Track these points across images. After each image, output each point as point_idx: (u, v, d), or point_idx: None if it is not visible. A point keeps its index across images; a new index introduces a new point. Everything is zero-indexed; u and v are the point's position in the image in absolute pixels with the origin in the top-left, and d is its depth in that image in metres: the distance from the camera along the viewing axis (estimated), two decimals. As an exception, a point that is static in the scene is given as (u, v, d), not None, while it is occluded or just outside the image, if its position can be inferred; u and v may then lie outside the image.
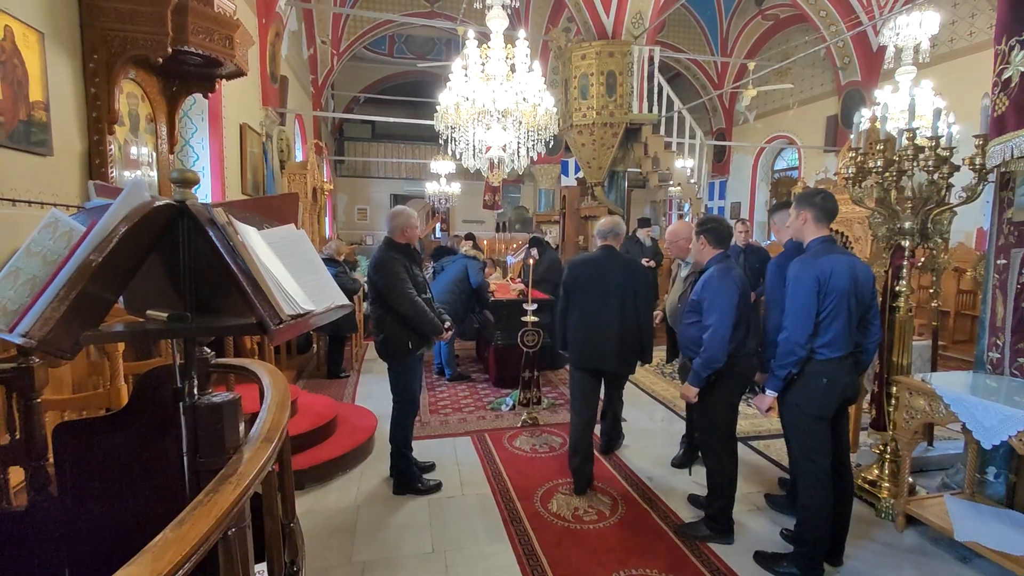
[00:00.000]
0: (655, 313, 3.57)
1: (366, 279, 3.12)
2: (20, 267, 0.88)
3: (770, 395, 2.41)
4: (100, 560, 1.90)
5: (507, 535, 2.70)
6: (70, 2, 2.95)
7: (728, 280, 2.53)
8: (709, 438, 2.74)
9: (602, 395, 3.43)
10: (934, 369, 3.59)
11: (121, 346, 2.35)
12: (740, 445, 3.80)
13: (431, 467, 3.39)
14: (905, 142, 2.79)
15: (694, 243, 2.74)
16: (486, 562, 2.50)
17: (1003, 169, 2.48)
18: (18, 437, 1.72)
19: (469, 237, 6.49)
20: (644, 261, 6.48)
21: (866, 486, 3.05)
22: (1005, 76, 2.24)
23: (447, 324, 3.17)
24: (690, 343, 2.65)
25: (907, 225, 2.84)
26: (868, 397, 3.33)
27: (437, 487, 3.15)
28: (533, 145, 5.05)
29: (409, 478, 3.13)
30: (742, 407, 2.84)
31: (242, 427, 1.23)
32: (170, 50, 3.11)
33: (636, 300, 3.07)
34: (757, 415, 4.28)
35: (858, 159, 2.93)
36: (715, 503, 2.67)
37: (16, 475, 1.80)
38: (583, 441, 3.07)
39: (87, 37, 3.02)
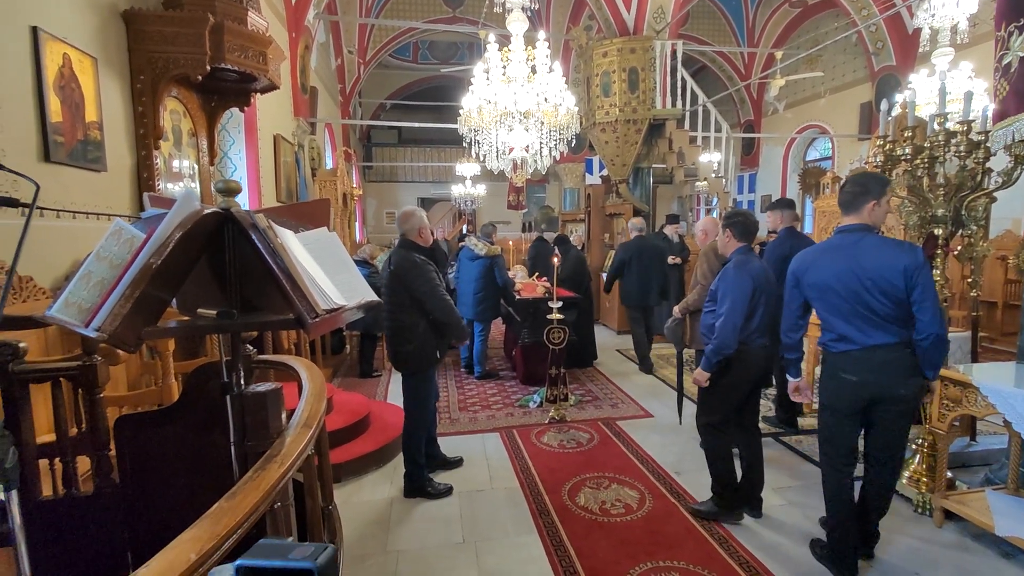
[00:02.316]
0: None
1: (388, 285, 2.99)
2: (91, 270, 1.00)
3: (792, 380, 2.48)
4: (159, 543, 2.07)
5: (536, 527, 2.76)
6: (119, 28, 3.17)
7: (743, 272, 2.62)
8: (706, 418, 2.85)
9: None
10: (974, 361, 3.47)
11: (172, 346, 2.53)
12: (772, 440, 3.79)
13: (459, 462, 3.48)
14: (936, 127, 2.73)
15: (720, 236, 2.86)
16: (516, 553, 2.56)
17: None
18: (84, 429, 1.90)
19: (462, 239, 6.20)
20: (670, 258, 6.45)
21: (903, 480, 2.98)
22: (1005, 61, 2.21)
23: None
24: (706, 330, 2.75)
25: (939, 213, 2.77)
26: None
27: (448, 491, 3.11)
28: (555, 145, 5.10)
29: (421, 482, 3.10)
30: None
31: (284, 416, 1.33)
32: (208, 68, 3.30)
33: (662, 265, 5.75)
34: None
35: (886, 147, 2.87)
36: (716, 483, 2.82)
37: (83, 464, 1.97)
38: (643, 342, 5.70)
39: (134, 60, 3.25)
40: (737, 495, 2.80)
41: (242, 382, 1.35)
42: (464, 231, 13.52)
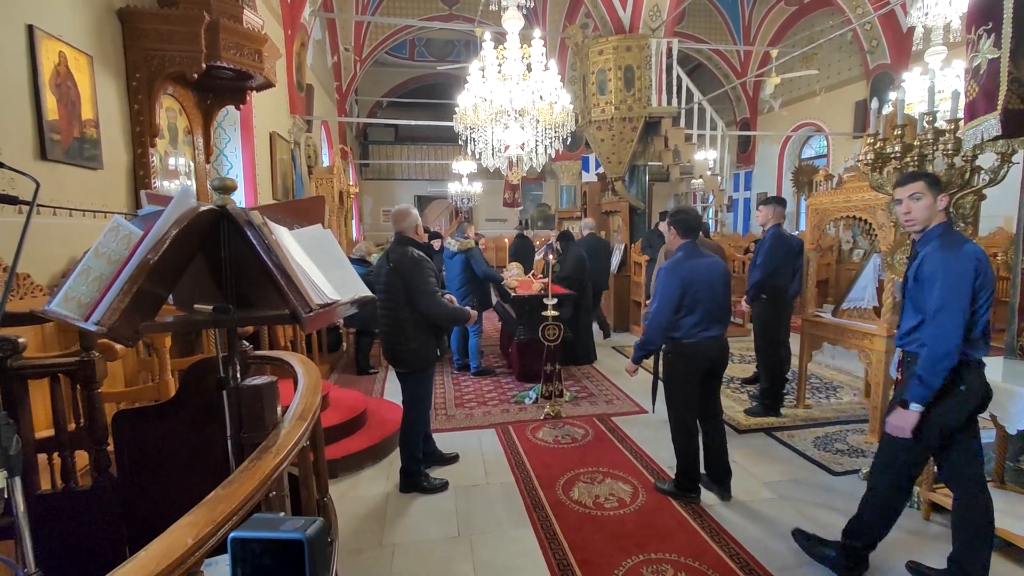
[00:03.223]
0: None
1: (386, 282, 2.99)
2: (90, 266, 1.02)
3: (915, 410, 2.00)
4: (156, 536, 2.09)
5: (530, 521, 2.80)
6: (115, 26, 3.18)
7: (673, 273, 2.81)
8: (670, 409, 3.04)
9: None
10: (964, 356, 3.51)
11: (168, 342, 2.55)
12: (763, 435, 3.84)
13: (455, 458, 3.51)
14: (925, 125, 2.76)
15: (667, 232, 3.03)
16: (510, 546, 2.60)
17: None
18: (82, 424, 1.92)
19: (436, 236, 6.16)
20: (663, 253, 6.50)
21: (891, 474, 3.02)
22: (975, 63, 2.26)
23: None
24: None
25: (928, 210, 2.80)
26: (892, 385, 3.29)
27: (443, 486, 3.14)
28: (551, 143, 5.12)
29: (417, 478, 3.13)
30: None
31: (279, 410, 1.36)
32: (204, 66, 3.31)
33: (608, 258, 7.13)
34: (791, 409, 4.25)
35: (876, 145, 2.91)
36: (678, 464, 3.01)
37: (81, 459, 1.99)
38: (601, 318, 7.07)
39: (130, 58, 3.25)
40: (692, 480, 2.96)
41: (238, 376, 1.38)
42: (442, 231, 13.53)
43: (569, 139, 5.39)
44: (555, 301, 4.34)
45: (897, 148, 2.80)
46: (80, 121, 2.79)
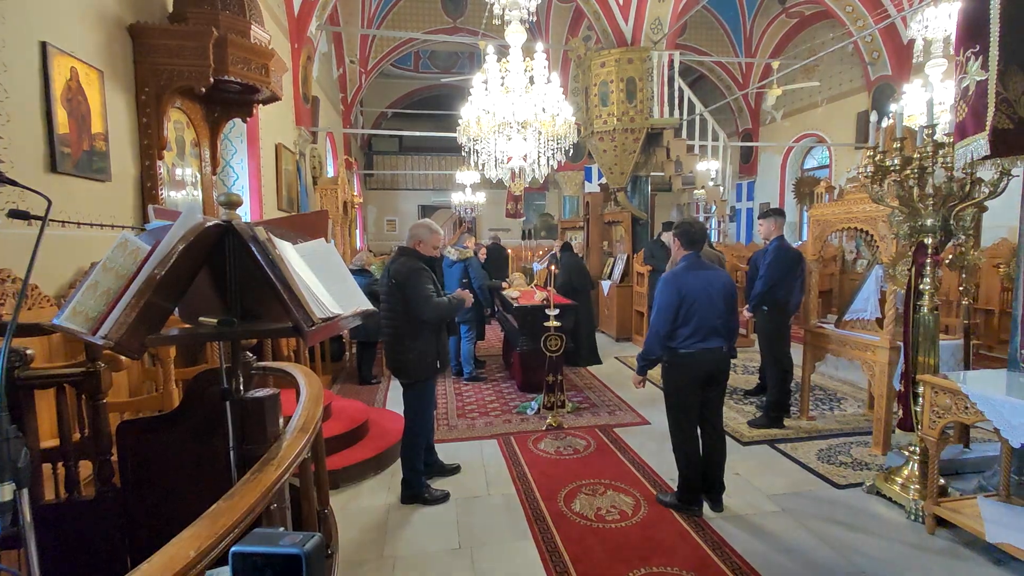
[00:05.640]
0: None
1: (387, 293, 3.04)
2: (98, 280, 1.05)
3: None
4: (158, 547, 2.09)
5: (531, 533, 2.79)
6: (125, 42, 3.25)
7: (670, 284, 2.84)
8: (668, 418, 3.04)
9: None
10: (967, 368, 3.50)
11: (172, 353, 2.57)
12: (766, 447, 3.82)
13: (457, 469, 3.50)
14: (924, 138, 2.78)
15: (672, 243, 3.07)
16: (510, 558, 2.59)
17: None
18: (87, 434, 1.93)
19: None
20: (668, 266, 6.52)
21: (896, 487, 3.00)
22: (964, 85, 2.29)
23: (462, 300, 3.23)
24: None
25: (928, 222, 2.81)
26: (896, 397, 3.27)
27: (444, 497, 3.13)
28: (553, 154, 5.16)
29: (418, 489, 3.12)
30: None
31: (281, 422, 1.37)
32: (212, 80, 3.37)
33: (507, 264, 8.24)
34: (795, 420, 4.23)
35: (876, 158, 2.92)
36: (680, 475, 3.00)
37: (85, 469, 2.01)
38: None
39: (139, 72, 3.32)
40: (693, 492, 2.93)
41: (241, 388, 1.39)
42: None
43: (571, 150, 5.43)
44: (557, 312, 4.35)
45: (896, 161, 2.81)
46: (90, 134, 2.84)
